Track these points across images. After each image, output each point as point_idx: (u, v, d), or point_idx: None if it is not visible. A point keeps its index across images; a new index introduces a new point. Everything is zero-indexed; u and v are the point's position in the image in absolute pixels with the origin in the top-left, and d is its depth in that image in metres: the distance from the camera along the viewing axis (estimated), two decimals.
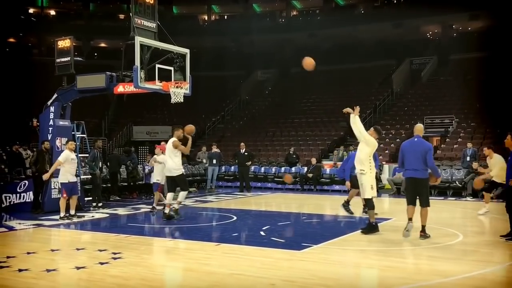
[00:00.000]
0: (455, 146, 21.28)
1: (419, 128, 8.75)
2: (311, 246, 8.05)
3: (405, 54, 31.70)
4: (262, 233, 9.37)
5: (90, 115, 26.48)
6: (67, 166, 10.98)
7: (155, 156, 13.02)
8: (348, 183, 11.43)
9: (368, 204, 9.03)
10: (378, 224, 10.18)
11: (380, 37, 33.04)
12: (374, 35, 32.87)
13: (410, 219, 8.46)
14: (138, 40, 11.02)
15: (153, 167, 13.36)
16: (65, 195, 10.97)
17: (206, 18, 40.76)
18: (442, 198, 16.28)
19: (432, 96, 26.86)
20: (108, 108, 32.57)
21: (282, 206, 14.99)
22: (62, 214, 10.96)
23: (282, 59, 34.88)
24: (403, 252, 7.75)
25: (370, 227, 8.98)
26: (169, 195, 11.07)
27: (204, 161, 19.84)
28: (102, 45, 39.26)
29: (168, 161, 11.04)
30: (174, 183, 11.08)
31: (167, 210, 10.91)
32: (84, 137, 13.88)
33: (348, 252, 7.72)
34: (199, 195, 16.96)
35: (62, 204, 10.99)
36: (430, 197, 14.36)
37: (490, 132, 21.52)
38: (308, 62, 9.79)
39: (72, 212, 11.12)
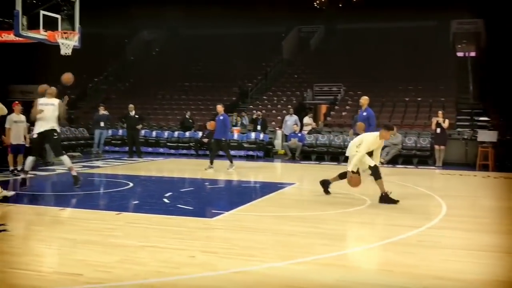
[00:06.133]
0: (343, 113, 21.84)
1: None
2: (223, 213, 7.53)
3: (294, 22, 31.78)
4: (165, 200, 8.66)
5: None
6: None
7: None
8: None
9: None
10: (287, 187, 10.08)
11: (270, 2, 32.66)
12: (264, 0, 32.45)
13: None
14: None
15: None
16: None
17: None
18: (336, 163, 16.57)
19: (320, 64, 27.33)
20: None
21: (180, 172, 14.27)
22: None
23: (170, 19, 33.32)
24: (320, 217, 7.49)
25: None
26: None
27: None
28: None
29: None
30: None
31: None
32: None
33: (264, 219, 7.29)
34: (85, 160, 15.66)
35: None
36: (320, 163, 14.45)
37: (376, 100, 22.33)
38: (66, 78, 9.59)
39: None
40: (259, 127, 19.08)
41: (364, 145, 8.64)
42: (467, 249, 5.75)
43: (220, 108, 14.22)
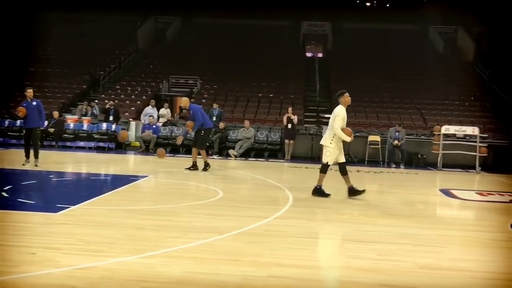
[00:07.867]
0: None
1: None
2: (69, 207, 7.14)
3: (150, 11, 31.19)
4: (4, 194, 7.99)
5: None
6: None
7: None
8: None
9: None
10: (140, 180, 9.92)
11: None
12: None
13: None
14: None
15: None
16: None
17: None
18: (190, 156, 16.56)
19: (177, 56, 27.14)
20: None
21: (21, 164, 13.21)
22: None
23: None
24: (172, 210, 7.46)
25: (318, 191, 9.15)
26: None
27: None
28: None
29: None
30: None
31: None
32: None
33: (113, 213, 7.05)
34: None
35: None
36: (175, 155, 14.44)
37: (231, 94, 22.84)
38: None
39: None
40: (111, 118, 18.42)
41: (339, 119, 9.02)
42: (310, 237, 6.12)
43: (30, 92, 12.23)
